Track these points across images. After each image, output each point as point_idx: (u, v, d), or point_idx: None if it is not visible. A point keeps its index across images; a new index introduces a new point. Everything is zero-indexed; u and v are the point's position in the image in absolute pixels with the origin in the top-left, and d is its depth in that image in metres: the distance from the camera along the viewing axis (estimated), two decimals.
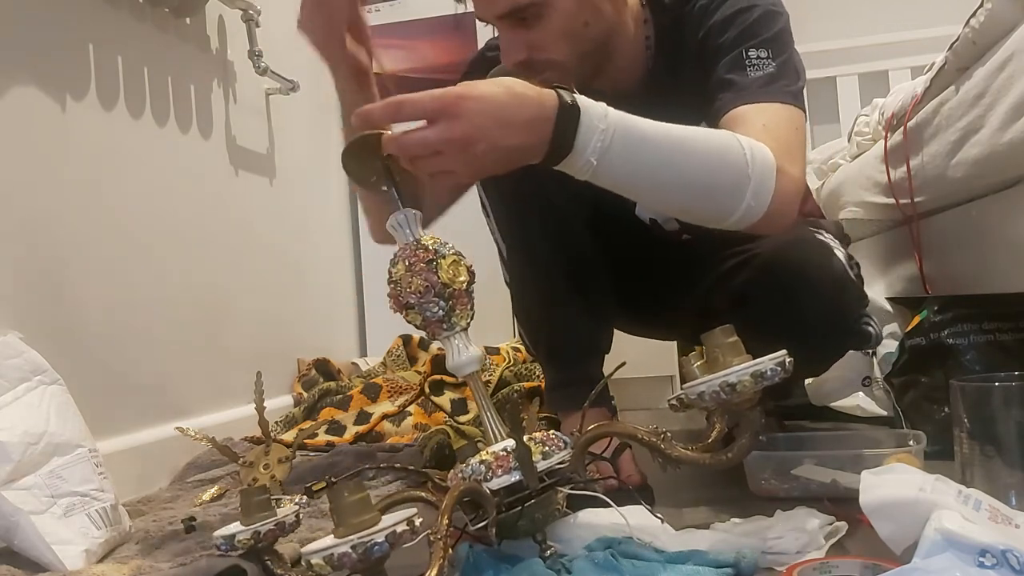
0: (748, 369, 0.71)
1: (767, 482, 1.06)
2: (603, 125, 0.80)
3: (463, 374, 0.81)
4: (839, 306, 1.04)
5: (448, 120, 0.75)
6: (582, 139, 0.79)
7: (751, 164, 0.87)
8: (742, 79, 0.98)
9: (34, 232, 1.25)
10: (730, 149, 0.88)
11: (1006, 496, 0.81)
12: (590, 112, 0.80)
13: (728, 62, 1.00)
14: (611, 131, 0.80)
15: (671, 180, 0.87)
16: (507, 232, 1.17)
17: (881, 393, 1.47)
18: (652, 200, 0.96)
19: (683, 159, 0.86)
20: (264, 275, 1.95)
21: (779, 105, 0.97)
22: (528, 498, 0.74)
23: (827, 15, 2.74)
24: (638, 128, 0.83)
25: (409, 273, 0.78)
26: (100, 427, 1.17)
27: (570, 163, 0.81)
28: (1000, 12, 1.06)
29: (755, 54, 0.99)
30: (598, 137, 0.80)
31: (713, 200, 0.89)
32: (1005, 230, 1.10)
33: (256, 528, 0.74)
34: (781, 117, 0.96)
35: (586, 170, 0.82)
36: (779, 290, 1.01)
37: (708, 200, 0.89)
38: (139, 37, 1.54)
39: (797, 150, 0.95)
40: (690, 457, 0.76)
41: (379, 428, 1.67)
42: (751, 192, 0.87)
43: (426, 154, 0.77)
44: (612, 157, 0.81)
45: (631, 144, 0.83)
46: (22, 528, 0.91)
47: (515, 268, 1.18)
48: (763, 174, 0.88)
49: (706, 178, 0.88)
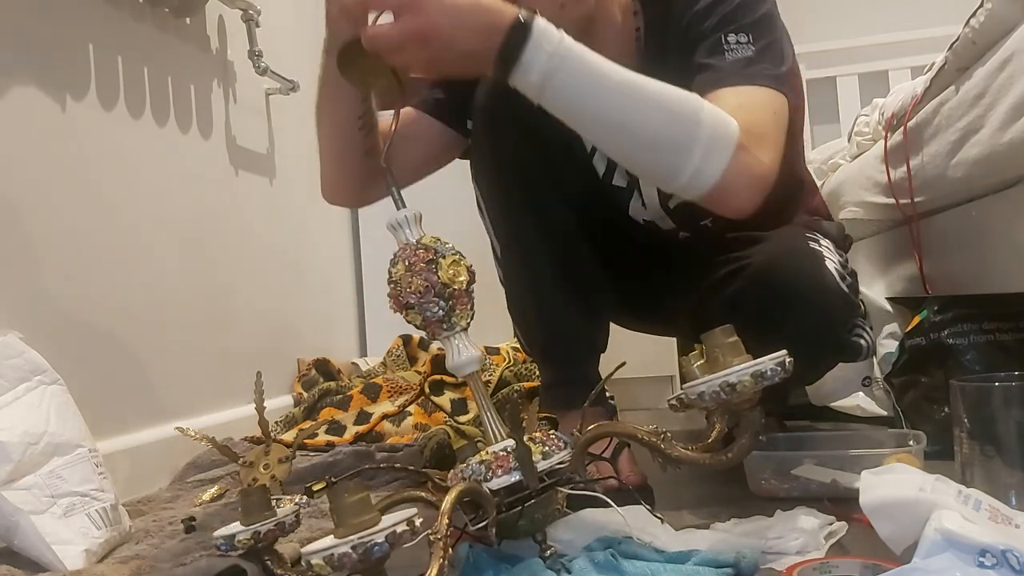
0: (748, 369, 0.71)
1: (767, 482, 1.06)
2: (552, 49, 0.81)
3: (463, 374, 0.81)
4: (828, 319, 1.03)
5: (409, 15, 0.79)
6: (528, 55, 0.80)
7: (703, 126, 0.86)
8: (719, 62, 0.97)
9: (34, 232, 1.25)
10: (685, 106, 0.86)
11: (1006, 496, 0.81)
12: (545, 33, 0.81)
13: (706, 47, 0.99)
14: (562, 56, 0.81)
15: (618, 120, 0.86)
16: (501, 230, 1.17)
17: (881, 393, 1.47)
18: (599, 139, 0.93)
19: (632, 103, 0.85)
20: (264, 275, 1.95)
21: (756, 88, 0.95)
22: (528, 498, 0.74)
23: (827, 15, 2.74)
24: (592, 61, 0.84)
25: (409, 273, 0.78)
26: (100, 427, 1.17)
27: (518, 79, 0.82)
28: (1000, 12, 1.06)
29: (734, 39, 0.98)
30: (547, 58, 0.80)
31: (658, 152, 0.87)
32: (1005, 230, 1.10)
33: (256, 528, 0.74)
34: (757, 99, 0.94)
35: (535, 91, 0.83)
36: (768, 302, 1.00)
37: (653, 151, 0.88)
38: (139, 37, 1.54)
39: (771, 135, 0.93)
40: (690, 457, 0.76)
41: (379, 428, 1.67)
42: (699, 154, 0.85)
43: (390, 47, 0.80)
44: (560, 82, 0.82)
45: (581, 73, 0.83)
46: (22, 528, 0.90)
47: (509, 267, 1.18)
48: (716, 141, 0.86)
49: (654, 126, 0.86)
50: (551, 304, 1.14)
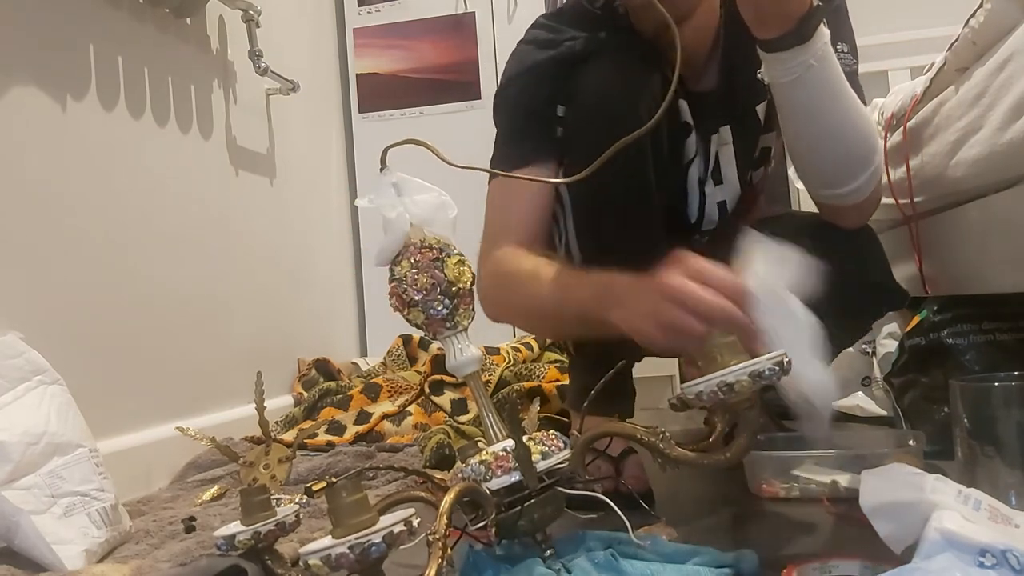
0: (746, 369, 0.71)
1: (767, 482, 1.06)
2: (825, 40, 0.88)
3: (463, 374, 0.81)
4: (883, 262, 1.09)
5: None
6: (818, 34, 0.87)
7: (877, 153, 0.98)
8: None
9: (34, 232, 1.25)
10: (872, 131, 0.98)
11: (1006, 496, 0.81)
12: (824, 27, 0.88)
13: None
14: (828, 49, 0.89)
15: (835, 124, 0.94)
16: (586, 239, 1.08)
17: (881, 393, 1.47)
18: (808, 134, 0.98)
19: (849, 114, 0.94)
20: (264, 275, 1.95)
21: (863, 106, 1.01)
22: (528, 498, 0.74)
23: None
24: (836, 64, 0.92)
25: (415, 270, 0.78)
26: (100, 427, 1.17)
27: (792, 56, 0.87)
28: (1000, 12, 1.06)
29: (841, 47, 1.02)
30: (823, 45, 0.88)
31: (844, 161, 0.97)
32: (1005, 230, 1.09)
33: (256, 528, 0.74)
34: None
35: (794, 73, 0.88)
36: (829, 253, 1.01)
37: (844, 159, 0.97)
38: (139, 37, 1.54)
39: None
40: (689, 457, 0.76)
41: (379, 428, 1.67)
42: (870, 172, 0.97)
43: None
44: (822, 69, 0.89)
45: (832, 72, 0.91)
46: (22, 528, 0.91)
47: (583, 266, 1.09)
48: (879, 168, 0.98)
49: (853, 140, 0.96)
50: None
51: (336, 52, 2.52)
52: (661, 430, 0.77)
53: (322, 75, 2.41)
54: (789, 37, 0.86)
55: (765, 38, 0.89)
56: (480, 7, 2.47)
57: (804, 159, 1.02)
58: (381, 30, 2.53)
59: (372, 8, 2.53)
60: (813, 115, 0.94)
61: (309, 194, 2.24)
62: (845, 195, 0.99)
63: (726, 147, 1.14)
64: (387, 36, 2.53)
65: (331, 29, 2.51)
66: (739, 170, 1.15)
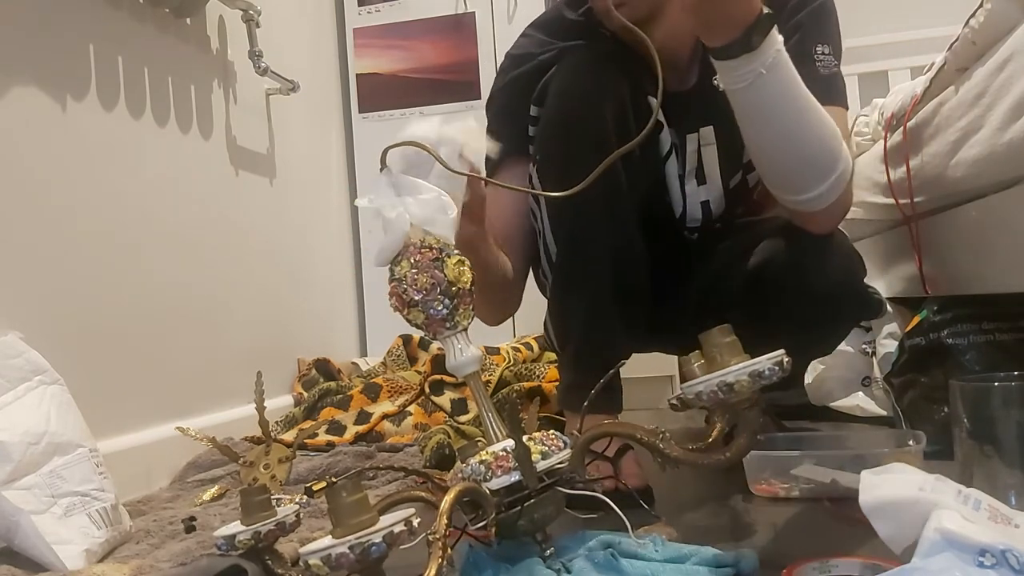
0: (746, 369, 0.71)
1: (767, 482, 1.06)
2: (778, 47, 0.88)
3: (463, 374, 0.81)
4: (851, 271, 1.08)
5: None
6: (767, 44, 0.86)
7: (841, 160, 0.96)
8: (813, 73, 1.00)
9: (34, 232, 1.25)
10: (835, 137, 0.96)
11: (1006, 496, 0.81)
12: (776, 34, 0.88)
13: (796, 53, 0.97)
14: (781, 58, 0.88)
15: (791, 130, 0.93)
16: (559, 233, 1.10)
17: (881, 393, 1.47)
18: (764, 140, 0.97)
19: (807, 120, 0.93)
20: (264, 275, 1.95)
21: (841, 109, 1.01)
22: (528, 498, 0.74)
23: None
24: (792, 71, 0.91)
25: (415, 270, 0.78)
26: (100, 427, 1.17)
27: (742, 63, 0.87)
28: (1000, 12, 1.06)
29: (822, 50, 1.02)
30: (775, 52, 0.87)
31: (805, 167, 0.96)
32: (1005, 230, 1.09)
33: (256, 528, 0.74)
34: (843, 122, 1.00)
35: (746, 80, 0.88)
36: (791, 262, 1.04)
37: (802, 165, 0.96)
38: (139, 37, 1.54)
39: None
40: (688, 457, 0.76)
41: (379, 428, 1.67)
42: (829, 183, 0.95)
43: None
44: (774, 76, 0.88)
45: (787, 79, 0.90)
46: (22, 528, 0.91)
47: (565, 268, 1.11)
48: (843, 175, 0.96)
49: (814, 147, 0.95)
50: (603, 312, 1.08)
51: (336, 52, 2.52)
52: (661, 430, 0.77)
53: (322, 75, 2.42)
54: (736, 45, 0.86)
55: (712, 46, 0.88)
56: (480, 7, 2.47)
57: (763, 165, 1.02)
58: (381, 30, 2.53)
59: (372, 8, 2.53)
60: (767, 121, 0.94)
61: (309, 194, 2.24)
62: (807, 201, 0.98)
63: (710, 148, 1.15)
64: (387, 36, 2.53)
65: (331, 29, 2.51)
66: (723, 172, 1.16)
